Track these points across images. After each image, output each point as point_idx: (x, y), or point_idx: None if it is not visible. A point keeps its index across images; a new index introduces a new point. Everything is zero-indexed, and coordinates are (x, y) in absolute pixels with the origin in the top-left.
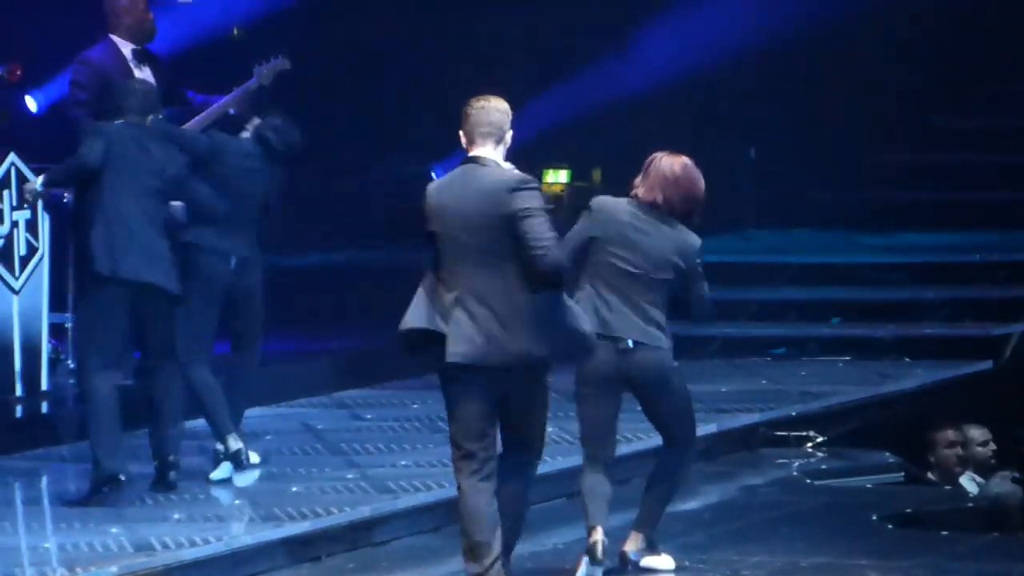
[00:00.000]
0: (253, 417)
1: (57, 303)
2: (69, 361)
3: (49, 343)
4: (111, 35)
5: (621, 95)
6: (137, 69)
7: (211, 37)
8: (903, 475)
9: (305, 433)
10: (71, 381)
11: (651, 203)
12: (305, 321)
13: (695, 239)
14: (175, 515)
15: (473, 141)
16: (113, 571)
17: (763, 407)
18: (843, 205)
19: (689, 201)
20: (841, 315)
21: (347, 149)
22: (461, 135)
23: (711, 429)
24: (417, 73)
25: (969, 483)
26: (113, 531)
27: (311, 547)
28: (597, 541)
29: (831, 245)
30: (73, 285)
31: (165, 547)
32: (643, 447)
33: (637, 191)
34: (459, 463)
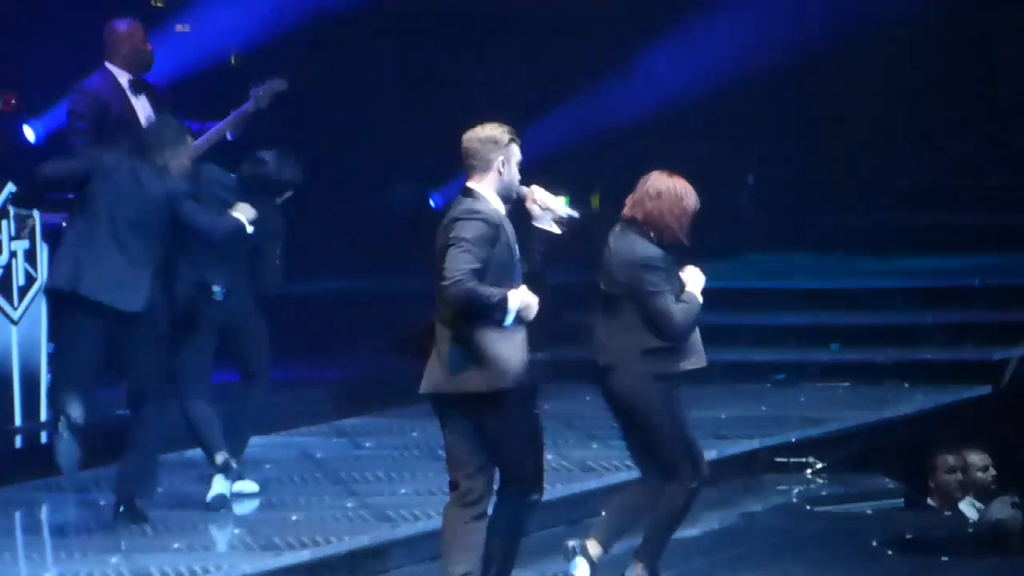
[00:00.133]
0: (253, 446)
1: (56, 333)
2: None
3: (48, 373)
4: (108, 64)
5: (620, 121)
6: (134, 98)
7: (209, 64)
8: (903, 501)
9: (304, 461)
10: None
11: (631, 219)
12: (304, 349)
13: (640, 251)
14: (175, 544)
15: (467, 174)
16: None
17: (763, 433)
18: (842, 230)
19: (669, 216)
20: (841, 340)
21: (347, 176)
22: None
23: (711, 455)
24: (416, 100)
25: (969, 508)
26: (112, 561)
27: None
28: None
29: (830, 270)
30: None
31: None
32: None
33: (623, 209)
34: (449, 490)
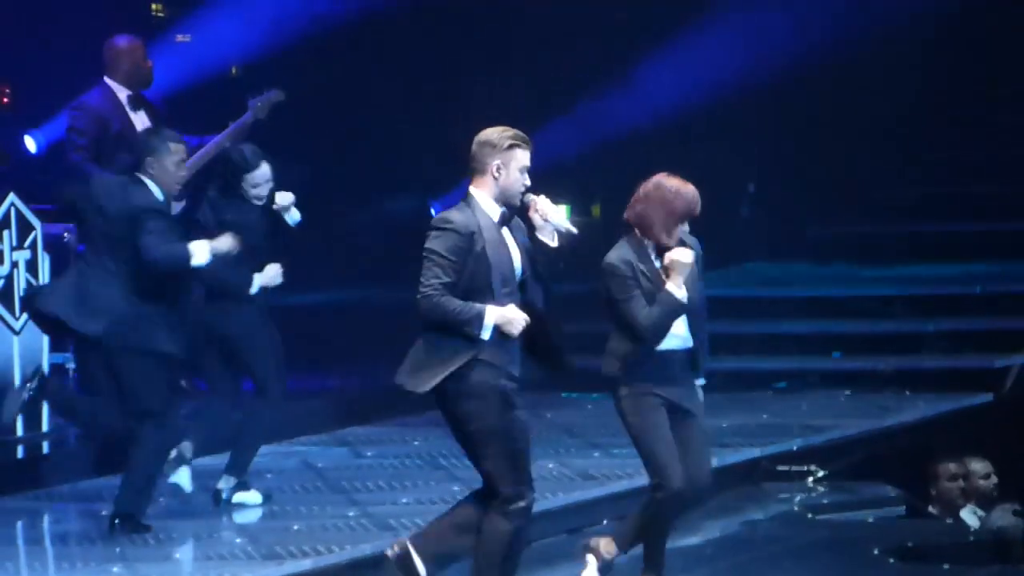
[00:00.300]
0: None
1: (57, 343)
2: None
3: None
4: (107, 79)
5: (621, 130)
6: (133, 114)
7: (210, 74)
8: (904, 508)
9: (306, 471)
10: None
11: (626, 221)
12: (305, 359)
13: (607, 256)
14: (176, 554)
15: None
16: None
17: (764, 441)
18: (843, 238)
19: (655, 216)
20: (842, 348)
21: (347, 186)
22: None
23: (712, 463)
24: (416, 109)
25: (970, 516)
26: (114, 570)
27: None
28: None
29: (831, 278)
30: None
31: None
32: (643, 482)
33: None
34: None
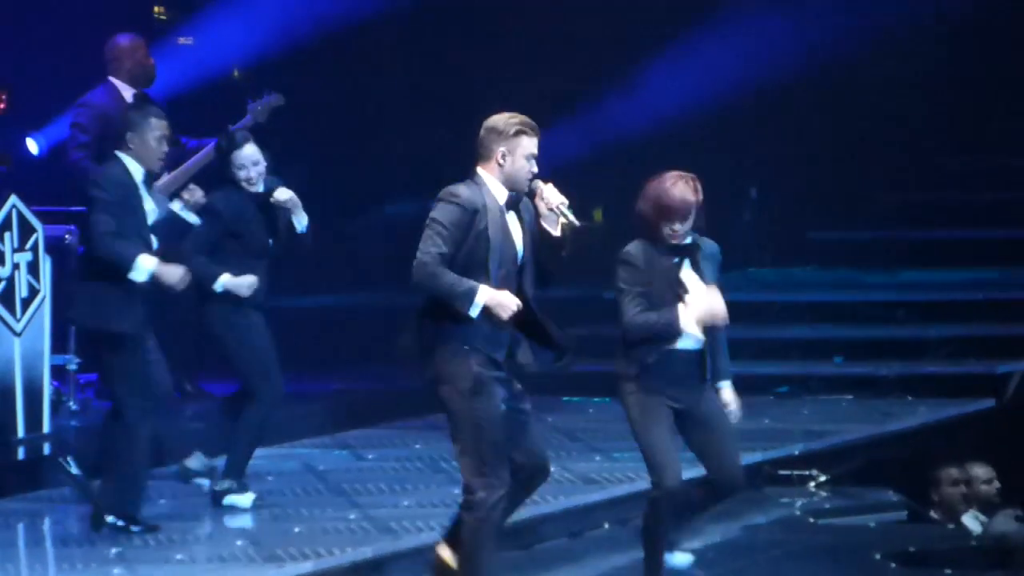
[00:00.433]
0: (256, 457)
1: (59, 345)
2: (71, 403)
3: (51, 385)
4: (111, 78)
5: (624, 135)
6: None
7: (211, 77)
8: (906, 514)
9: (307, 474)
10: (72, 423)
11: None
12: (307, 361)
13: (629, 246)
14: (177, 556)
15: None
16: None
17: (766, 446)
18: (846, 243)
19: (653, 214)
20: (844, 353)
21: (349, 189)
22: None
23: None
24: (418, 113)
25: (972, 522)
26: (115, 572)
27: None
28: None
29: (834, 283)
30: None
31: None
32: (645, 486)
33: None
34: None
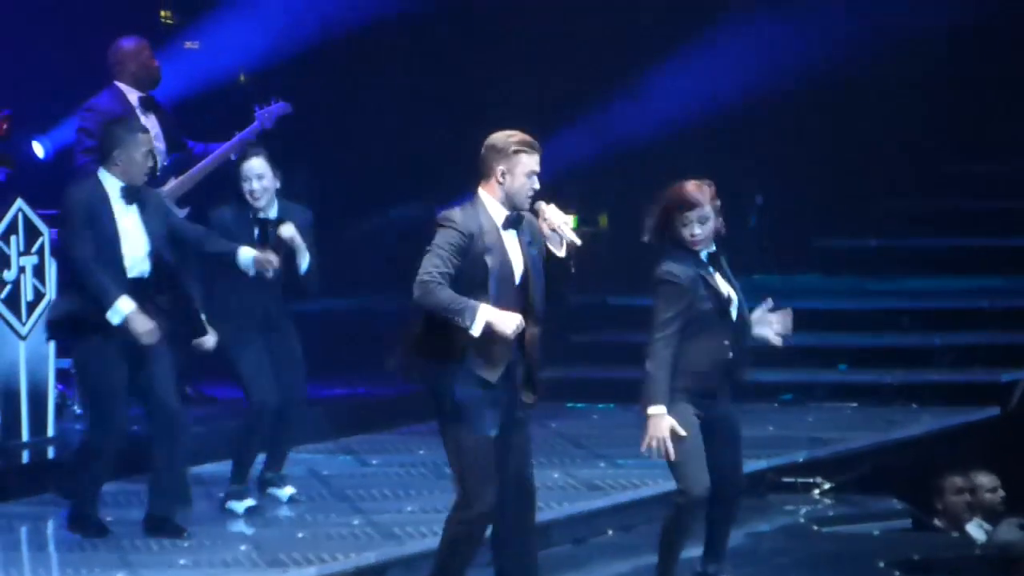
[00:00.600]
0: (259, 463)
1: (63, 349)
2: (75, 407)
3: (56, 388)
4: (117, 82)
5: (629, 141)
6: (144, 117)
7: (218, 82)
8: (910, 522)
9: (311, 478)
10: (77, 426)
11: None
12: (310, 367)
13: (666, 264)
14: (181, 560)
15: None
16: None
17: (770, 453)
18: (850, 251)
19: (659, 214)
20: (849, 361)
21: (354, 194)
22: None
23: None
24: (424, 118)
25: (976, 530)
26: None
27: None
28: None
29: (838, 291)
30: None
31: None
32: (649, 493)
33: None
34: None
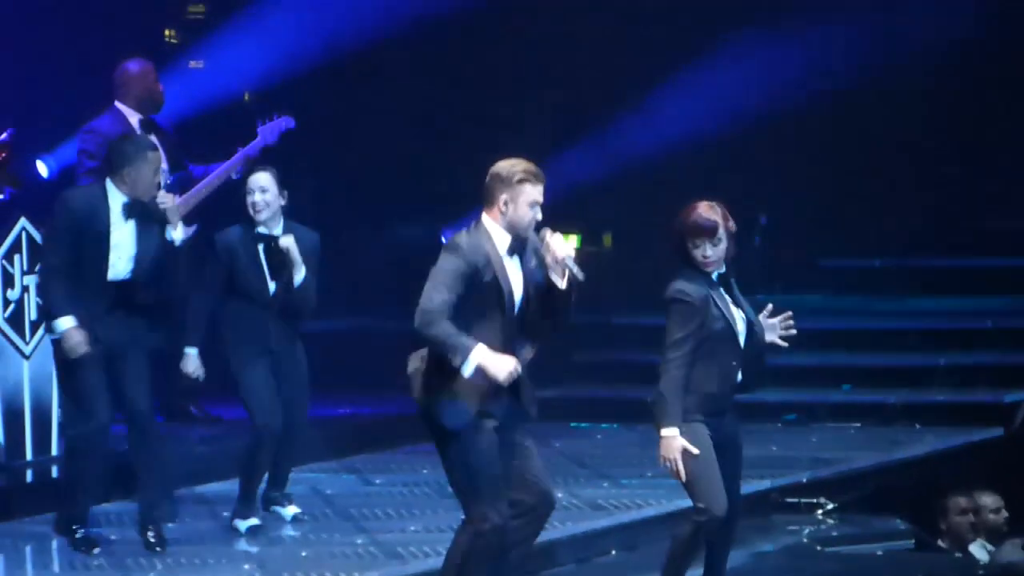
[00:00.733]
0: (264, 481)
1: None
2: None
3: (59, 408)
4: (118, 103)
5: (634, 160)
6: None
7: (222, 101)
8: (914, 542)
9: (314, 497)
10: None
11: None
12: (314, 385)
13: (677, 283)
14: None
15: None
16: None
17: (774, 473)
18: (854, 271)
19: (676, 230)
20: (852, 381)
21: (358, 213)
22: None
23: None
24: (428, 136)
25: (979, 550)
26: None
27: None
28: None
29: (842, 311)
30: None
31: None
32: (653, 513)
33: None
34: None
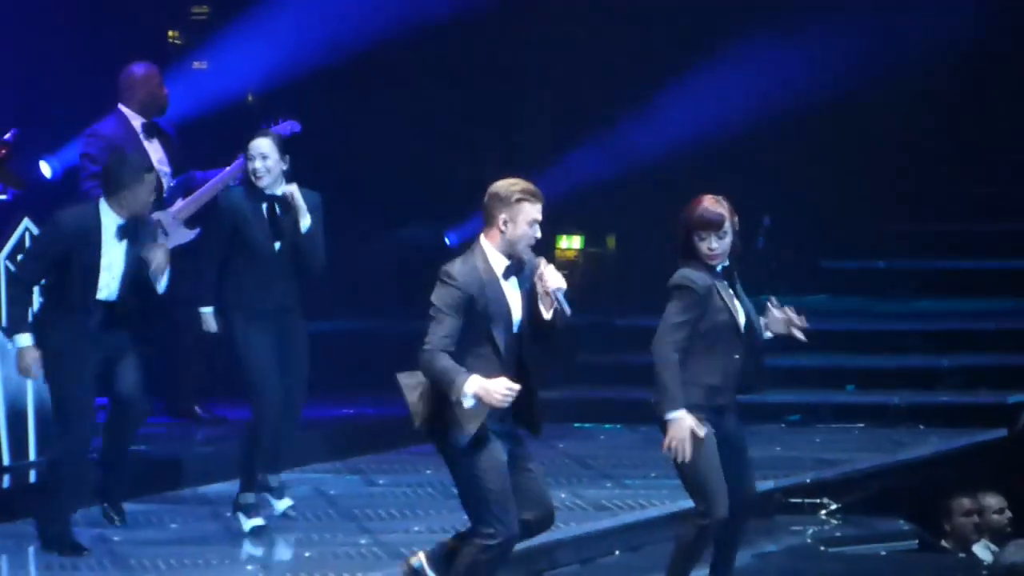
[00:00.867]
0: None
1: None
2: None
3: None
4: (121, 107)
5: (637, 162)
6: (147, 143)
7: (225, 103)
8: (917, 543)
9: (318, 498)
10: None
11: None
12: (318, 386)
13: (685, 271)
14: None
15: None
16: None
17: (777, 474)
18: (858, 272)
19: (681, 234)
20: (856, 382)
21: (362, 214)
22: None
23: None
24: (432, 139)
25: (983, 551)
26: None
27: None
28: None
29: (846, 312)
30: None
31: None
32: (656, 513)
33: None
34: None
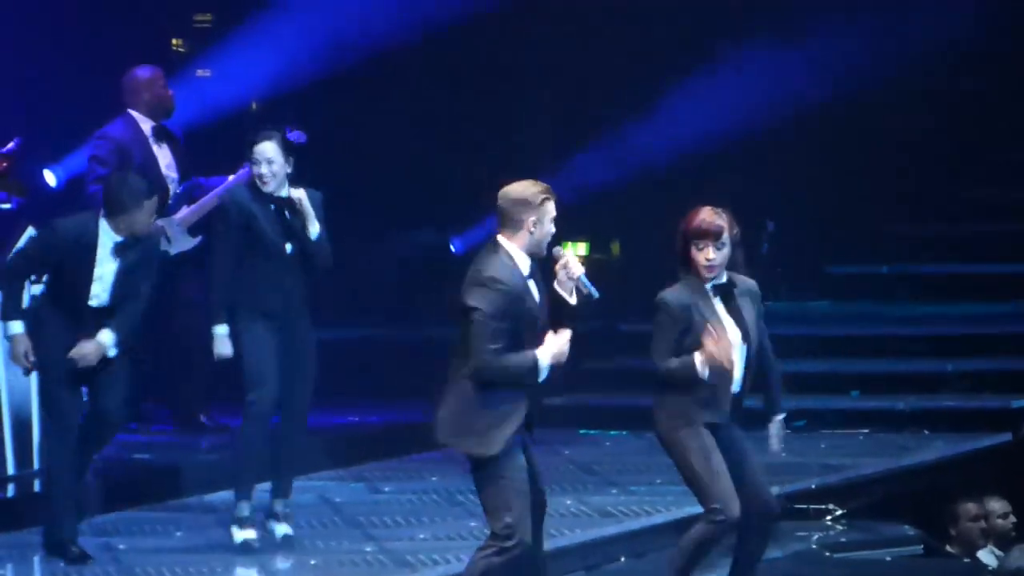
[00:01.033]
0: (267, 489)
1: None
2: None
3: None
4: (130, 110)
5: (641, 168)
6: (156, 147)
7: (229, 111)
8: (922, 548)
9: (323, 506)
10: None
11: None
12: (323, 393)
13: (664, 293)
14: None
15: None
16: None
17: (782, 479)
18: (862, 277)
19: (678, 243)
20: (861, 387)
21: (366, 221)
22: None
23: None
24: (435, 144)
25: (988, 556)
26: None
27: None
28: None
29: (850, 317)
30: None
31: None
32: (661, 520)
33: None
34: None
